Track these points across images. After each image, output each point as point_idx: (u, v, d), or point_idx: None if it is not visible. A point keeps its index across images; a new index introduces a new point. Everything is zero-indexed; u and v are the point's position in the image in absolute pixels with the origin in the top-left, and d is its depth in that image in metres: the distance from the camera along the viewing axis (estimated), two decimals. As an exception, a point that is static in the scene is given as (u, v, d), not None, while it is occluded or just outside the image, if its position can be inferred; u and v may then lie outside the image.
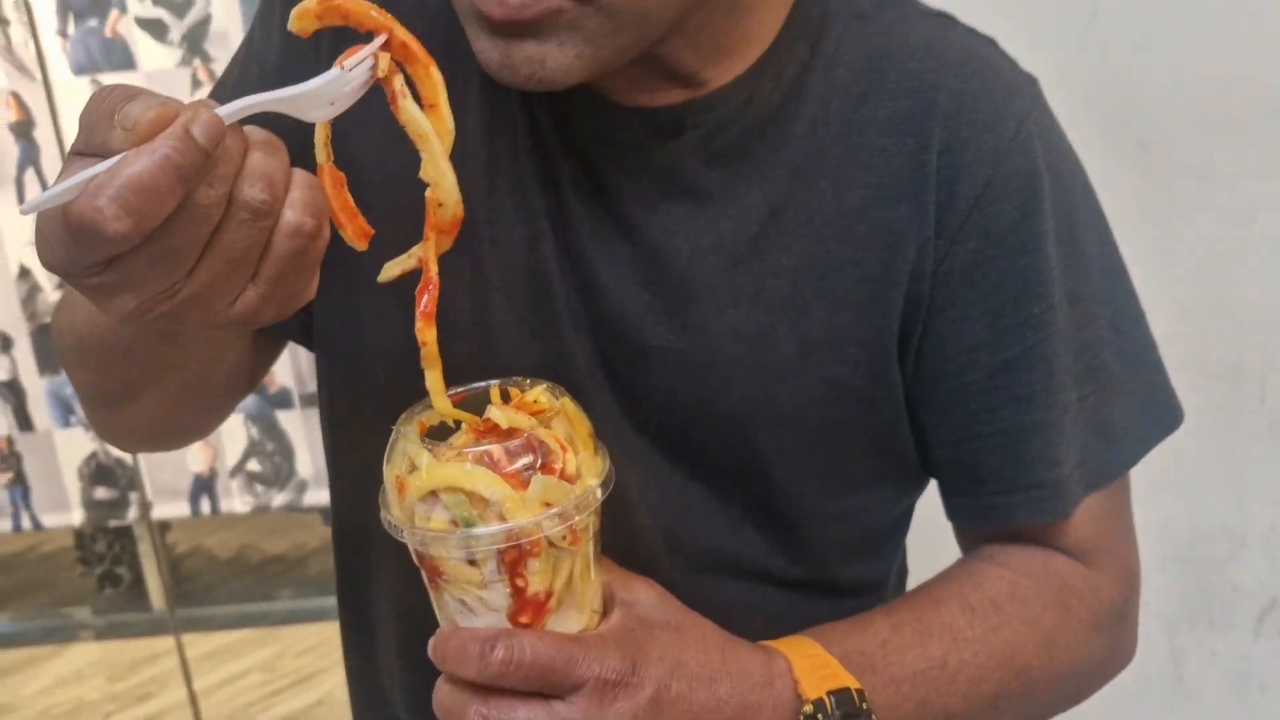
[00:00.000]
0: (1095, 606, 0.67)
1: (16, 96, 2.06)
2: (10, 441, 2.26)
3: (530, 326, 0.63)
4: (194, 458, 2.24)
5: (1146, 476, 0.71)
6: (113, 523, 2.45)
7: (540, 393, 0.56)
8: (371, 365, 0.66)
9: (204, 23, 1.99)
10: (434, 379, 0.52)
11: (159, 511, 2.32)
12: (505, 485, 0.50)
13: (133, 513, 2.34)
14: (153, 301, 0.45)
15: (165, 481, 2.28)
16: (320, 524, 2.80)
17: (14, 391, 2.23)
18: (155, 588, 2.54)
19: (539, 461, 0.51)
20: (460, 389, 0.56)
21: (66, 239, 0.42)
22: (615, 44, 0.54)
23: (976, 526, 0.70)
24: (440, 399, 0.53)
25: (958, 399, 0.64)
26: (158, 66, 2.02)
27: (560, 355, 0.63)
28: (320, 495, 2.31)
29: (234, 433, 2.20)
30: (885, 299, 0.61)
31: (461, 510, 0.51)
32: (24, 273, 2.15)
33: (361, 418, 0.66)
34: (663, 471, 0.65)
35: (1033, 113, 0.63)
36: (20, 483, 2.29)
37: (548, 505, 0.51)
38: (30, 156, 2.09)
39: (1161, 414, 0.69)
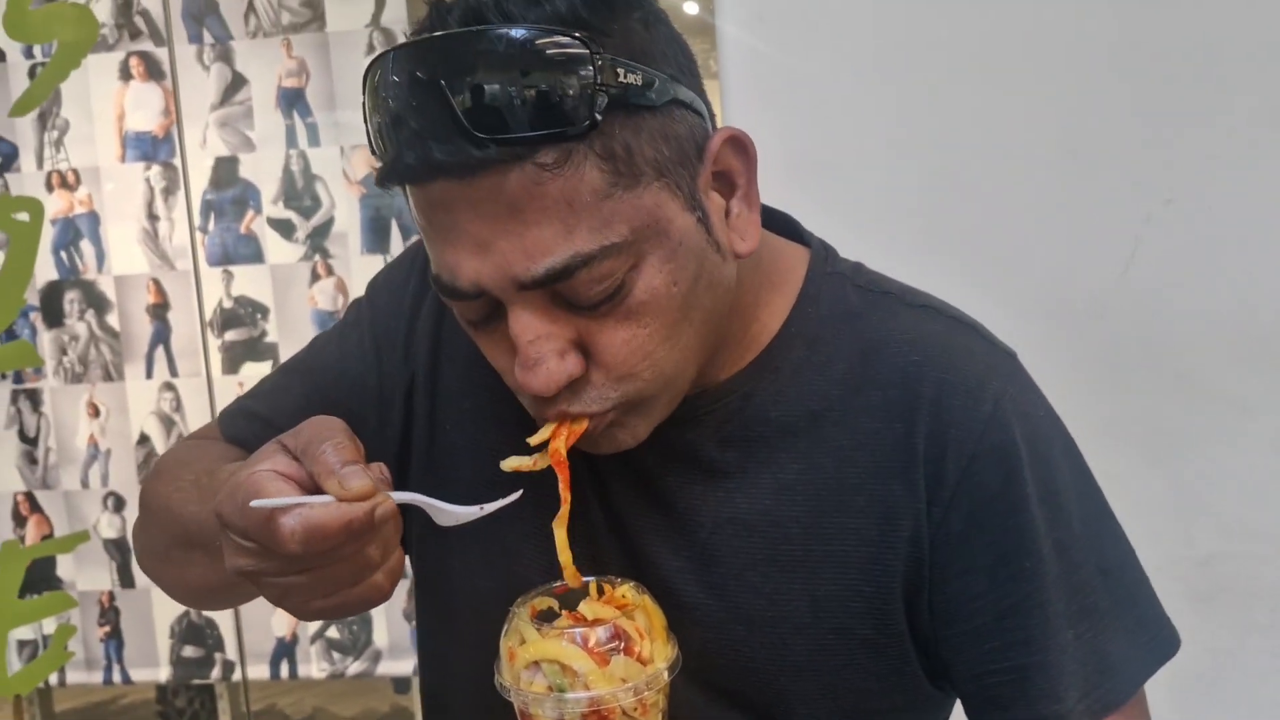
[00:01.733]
0: None
1: (156, 282, 2.29)
2: (111, 597, 2.39)
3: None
4: (279, 622, 2.33)
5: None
6: (196, 680, 2.54)
7: (627, 589, 0.69)
8: (456, 600, 0.80)
9: (327, 224, 2.21)
10: (565, 559, 0.67)
11: (240, 673, 2.41)
12: (591, 660, 0.64)
13: (216, 672, 2.43)
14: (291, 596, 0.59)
15: (249, 644, 2.38)
16: (391, 692, 2.84)
17: (120, 550, 2.38)
18: (228, 747, 2.60)
19: (621, 645, 0.64)
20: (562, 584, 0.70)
21: (258, 534, 0.56)
22: (662, 407, 0.68)
23: None
24: (569, 571, 0.68)
25: (970, 641, 0.71)
26: (283, 260, 2.24)
27: None
28: (393, 665, 2.38)
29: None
30: (885, 560, 0.71)
31: (556, 678, 0.64)
32: (143, 439, 2.33)
33: (451, 651, 0.81)
34: (703, 705, 0.74)
35: (1008, 390, 0.71)
36: (115, 637, 2.40)
37: (624, 680, 0.64)
38: (162, 336, 2.30)
39: (1157, 644, 0.73)
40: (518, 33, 0.56)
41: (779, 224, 0.79)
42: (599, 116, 0.57)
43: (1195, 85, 1.37)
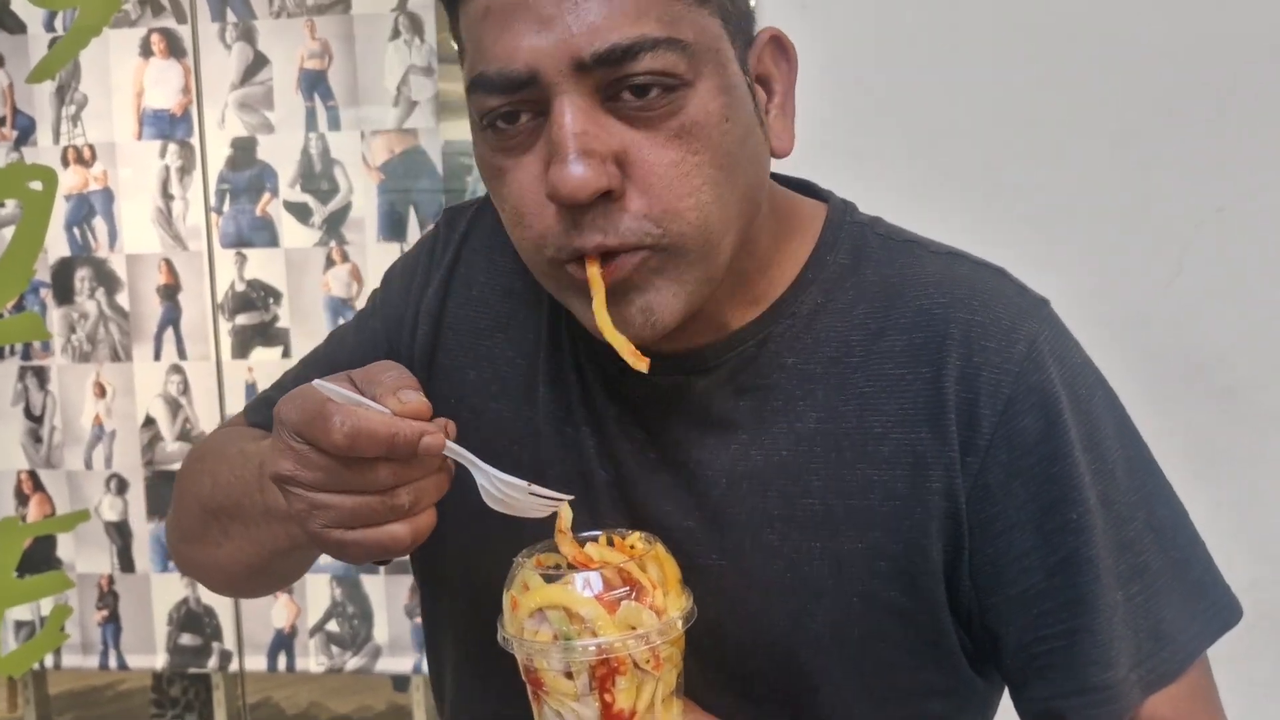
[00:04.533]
0: None
1: (168, 263, 2.26)
2: (111, 580, 2.36)
3: None
4: (278, 613, 2.30)
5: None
6: (192, 669, 2.51)
7: (636, 538, 0.65)
8: (454, 579, 0.78)
9: (344, 210, 2.18)
10: (564, 519, 0.63)
11: (237, 664, 2.37)
12: (598, 605, 0.60)
13: (212, 662, 2.39)
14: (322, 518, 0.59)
15: (247, 634, 2.34)
16: (389, 689, 2.81)
17: (121, 533, 2.35)
18: (222, 739, 2.56)
19: (632, 594, 0.60)
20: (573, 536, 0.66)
21: (309, 426, 0.57)
22: (696, 277, 0.62)
23: None
24: (562, 538, 0.64)
25: (1020, 605, 0.66)
26: (298, 245, 2.21)
27: None
28: (392, 662, 2.34)
29: (318, 592, 2.26)
30: (914, 515, 0.65)
31: (562, 625, 0.60)
32: (149, 421, 2.30)
33: (449, 632, 0.79)
34: (711, 696, 0.68)
35: (1043, 332, 0.67)
36: (114, 621, 2.37)
37: (633, 629, 0.60)
38: (171, 317, 2.27)
39: (1215, 611, 0.68)
40: None
41: (795, 185, 0.76)
42: None
43: (1252, 91, 1.33)
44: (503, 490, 0.61)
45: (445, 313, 0.78)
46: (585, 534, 0.65)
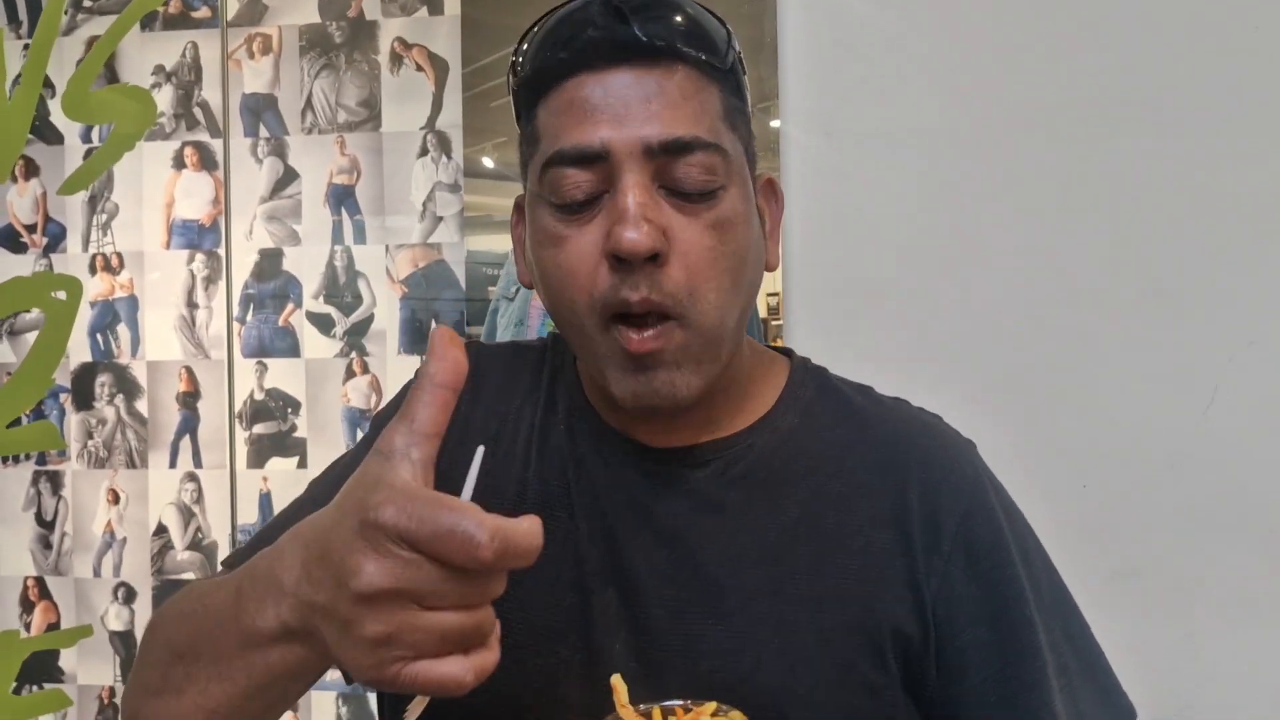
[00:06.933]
0: None
1: (189, 370, 2.26)
2: (112, 693, 2.30)
3: (578, 632, 0.75)
4: (281, 731, 2.23)
5: None
6: (189, 789, 2.41)
7: (709, 710, 0.65)
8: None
9: (366, 321, 2.18)
10: (621, 691, 0.63)
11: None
12: None
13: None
14: (391, 646, 0.51)
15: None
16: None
17: (125, 643, 2.30)
18: None
19: None
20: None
21: (440, 539, 0.50)
22: (709, 359, 0.74)
23: None
24: (628, 713, 0.64)
25: (981, 691, 0.75)
26: (319, 355, 2.21)
27: (599, 651, 0.74)
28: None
29: (324, 710, 2.20)
30: (884, 598, 0.75)
31: None
32: (160, 529, 2.27)
33: None
34: None
35: (980, 464, 0.82)
36: (113, 736, 2.30)
37: None
38: (190, 425, 2.26)
39: (1119, 711, 0.78)
40: None
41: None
42: (734, 64, 0.76)
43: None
44: None
45: None
46: (643, 706, 0.65)
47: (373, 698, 2.19)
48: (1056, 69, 1.42)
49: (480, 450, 0.57)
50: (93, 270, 2.25)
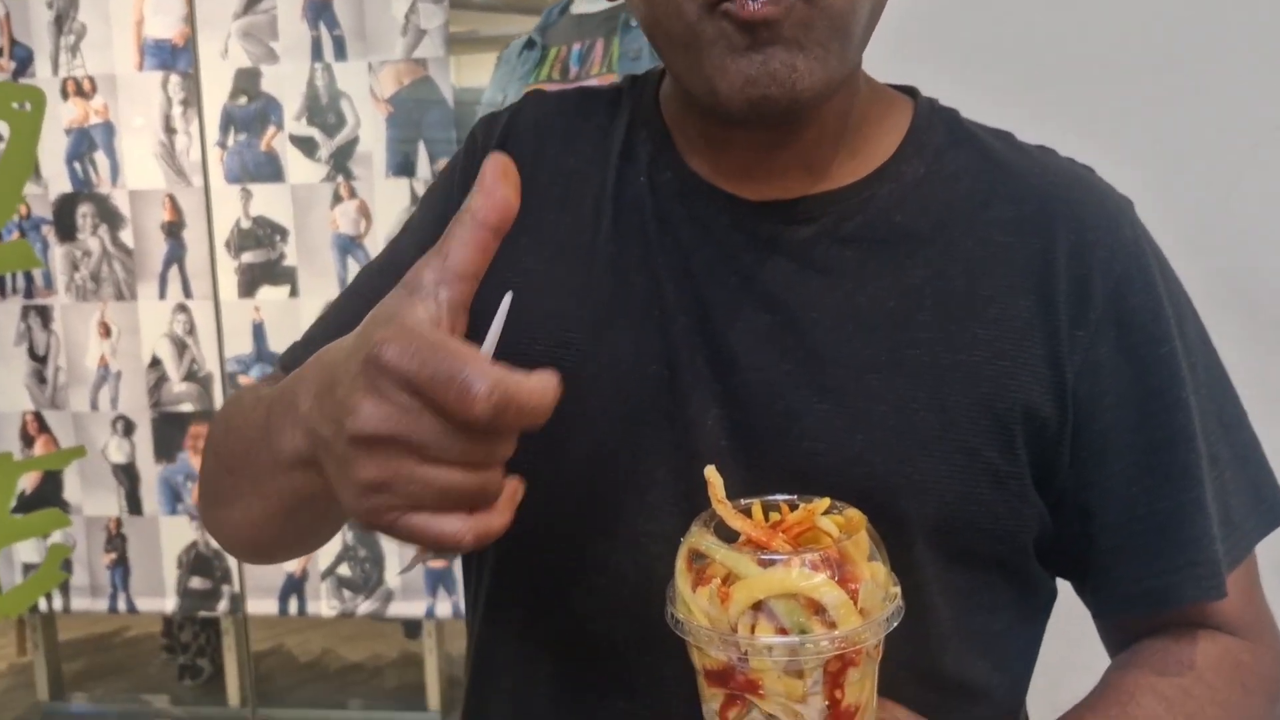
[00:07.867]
0: (1266, 680, 0.69)
1: (172, 198, 2.20)
2: (119, 524, 2.33)
3: (663, 409, 0.66)
4: (288, 557, 2.27)
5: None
6: (202, 613, 2.49)
7: (822, 505, 0.55)
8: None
9: (351, 144, 2.11)
10: (717, 486, 0.53)
11: (248, 607, 2.35)
12: (842, 591, 0.49)
13: (223, 605, 2.37)
14: (382, 495, 0.47)
15: (258, 578, 2.31)
16: (400, 636, 2.79)
17: (129, 475, 2.31)
18: (234, 684, 2.55)
19: (836, 575, 0.50)
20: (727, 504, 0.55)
21: (437, 385, 0.45)
22: (835, 53, 0.62)
23: (1137, 614, 0.70)
24: (726, 510, 0.53)
25: (1123, 482, 0.67)
26: (304, 180, 2.14)
27: (687, 429, 0.66)
28: (404, 606, 2.31)
29: (329, 536, 2.24)
30: (1019, 376, 0.65)
31: (796, 617, 0.50)
32: (154, 362, 2.26)
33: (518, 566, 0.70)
34: None
35: (1138, 224, 0.70)
36: (122, 564, 2.35)
37: (864, 614, 0.50)
38: (176, 254, 2.21)
39: (1269, 507, 0.71)
40: None
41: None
42: None
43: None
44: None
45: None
46: (740, 501, 0.55)
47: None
48: None
49: (508, 296, 0.50)
50: (64, 95, 2.16)
